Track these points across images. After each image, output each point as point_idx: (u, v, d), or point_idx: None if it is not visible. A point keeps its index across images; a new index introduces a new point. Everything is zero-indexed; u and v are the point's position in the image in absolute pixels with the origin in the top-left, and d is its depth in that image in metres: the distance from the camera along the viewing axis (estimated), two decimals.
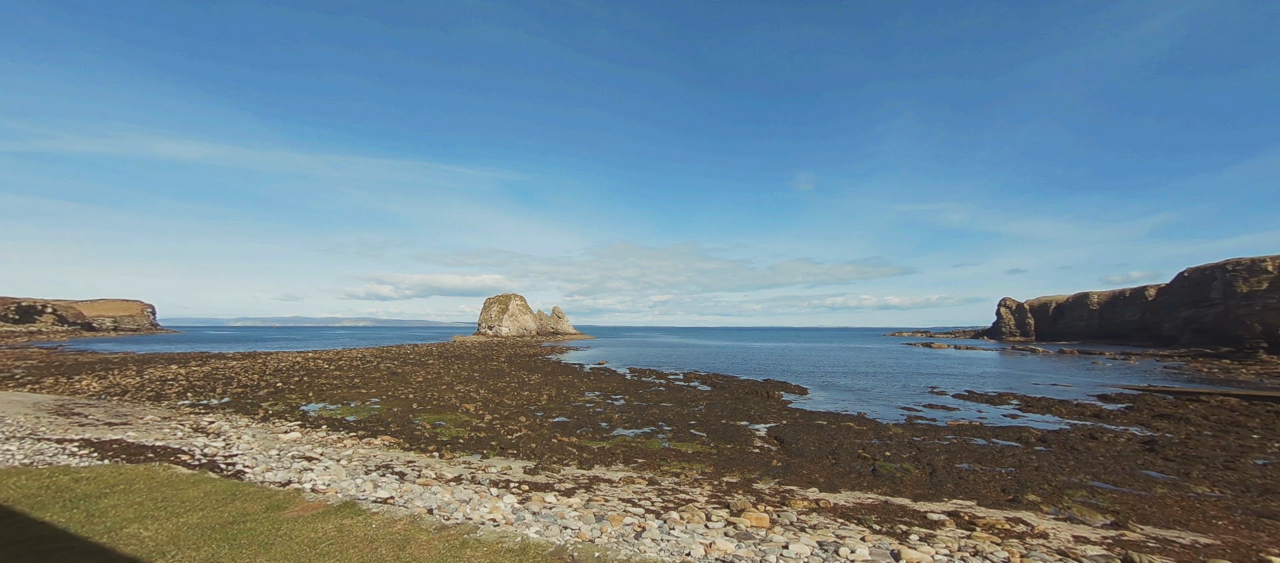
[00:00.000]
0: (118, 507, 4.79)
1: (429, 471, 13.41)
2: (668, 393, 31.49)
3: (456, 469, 13.97)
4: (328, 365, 45.06)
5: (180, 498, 5.12)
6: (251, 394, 27.59)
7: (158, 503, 4.95)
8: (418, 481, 12.08)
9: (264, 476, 11.50)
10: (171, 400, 24.99)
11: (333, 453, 15.06)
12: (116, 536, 4.06)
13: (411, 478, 12.46)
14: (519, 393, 30.12)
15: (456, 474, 13.21)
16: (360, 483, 11.30)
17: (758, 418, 23.05)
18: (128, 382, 30.91)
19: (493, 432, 19.40)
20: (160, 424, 18.34)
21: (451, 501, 10.27)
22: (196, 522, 4.48)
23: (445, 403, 25.97)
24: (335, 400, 26.26)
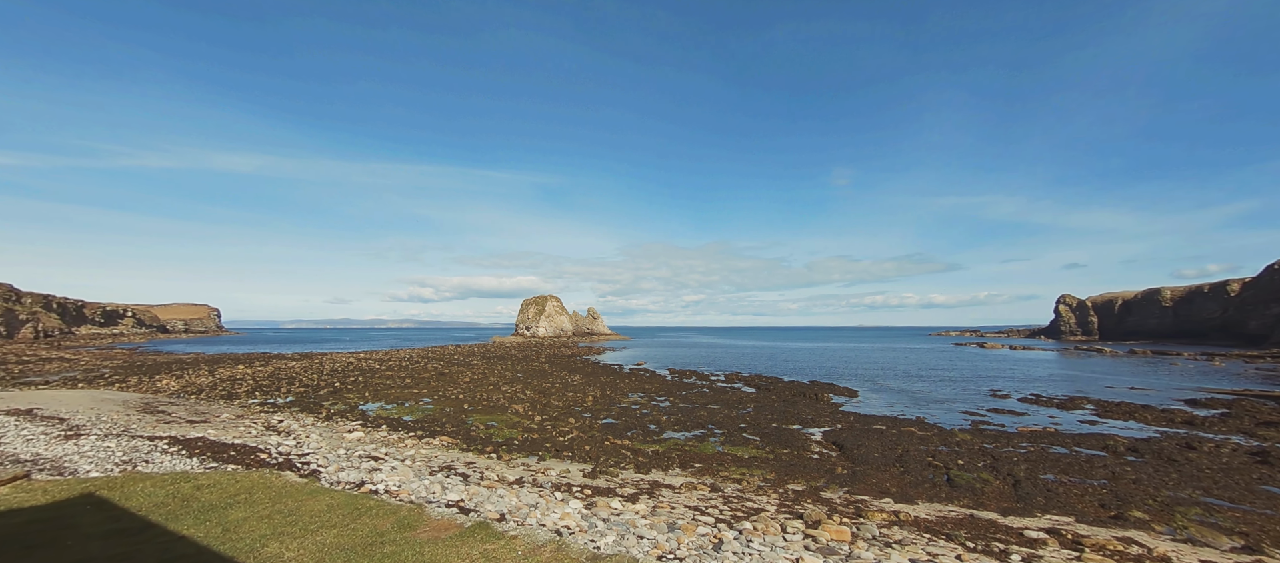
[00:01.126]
0: (248, 520, 4.87)
1: (490, 472, 13.52)
2: (712, 395, 31.03)
3: (516, 471, 14.05)
4: (379, 366, 46.75)
5: (305, 512, 5.17)
6: (313, 394, 28.85)
7: (285, 517, 5.01)
8: (482, 483, 12.18)
9: (338, 476, 11.85)
10: (242, 399, 26.39)
11: (397, 453, 15.44)
12: (259, 555, 4.09)
13: (474, 480, 12.59)
14: (564, 394, 30.32)
15: (517, 477, 13.27)
16: (428, 485, 11.47)
17: (810, 422, 22.32)
18: (201, 381, 32.94)
19: (545, 433, 19.50)
20: (235, 422, 19.34)
21: (519, 505, 10.27)
22: (334, 542, 4.46)
23: (494, 404, 26.39)
24: (390, 400, 27.11)
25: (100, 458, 12.05)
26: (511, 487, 12.08)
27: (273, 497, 5.75)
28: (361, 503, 5.61)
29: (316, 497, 5.82)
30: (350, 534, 4.70)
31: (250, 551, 4.26)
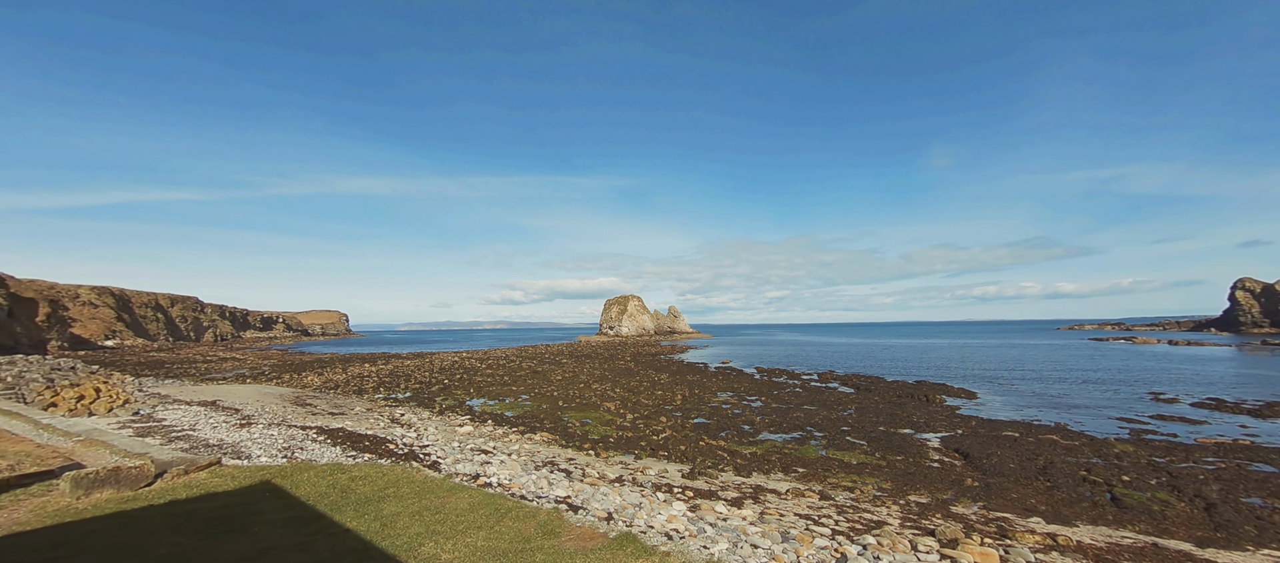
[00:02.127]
0: (400, 516, 5.30)
1: (591, 470, 13.80)
2: (806, 395, 29.52)
3: (615, 470, 14.22)
4: (480, 364, 50.25)
5: (450, 510, 5.54)
6: (426, 390, 31.62)
7: (433, 514, 5.39)
8: (585, 480, 12.44)
9: (455, 467, 12.73)
10: (369, 394, 29.59)
11: (503, 447, 16.31)
12: (417, 555, 4.39)
13: (577, 477, 12.90)
14: (652, 392, 30.48)
15: (617, 475, 13.41)
16: (535, 480, 11.93)
17: (924, 426, 20.35)
18: (337, 378, 37.48)
19: (638, 432, 19.64)
20: (366, 415, 21.64)
21: (624, 504, 10.32)
22: (484, 546, 4.69)
23: (587, 401, 27.14)
24: (492, 397, 28.94)
25: (267, 445, 14.01)
26: (613, 485, 12.21)
27: (417, 491, 6.21)
28: (500, 503, 5.85)
29: (456, 494, 6.18)
30: (497, 538, 4.87)
31: (409, 550, 4.55)
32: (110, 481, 6.75)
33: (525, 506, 5.97)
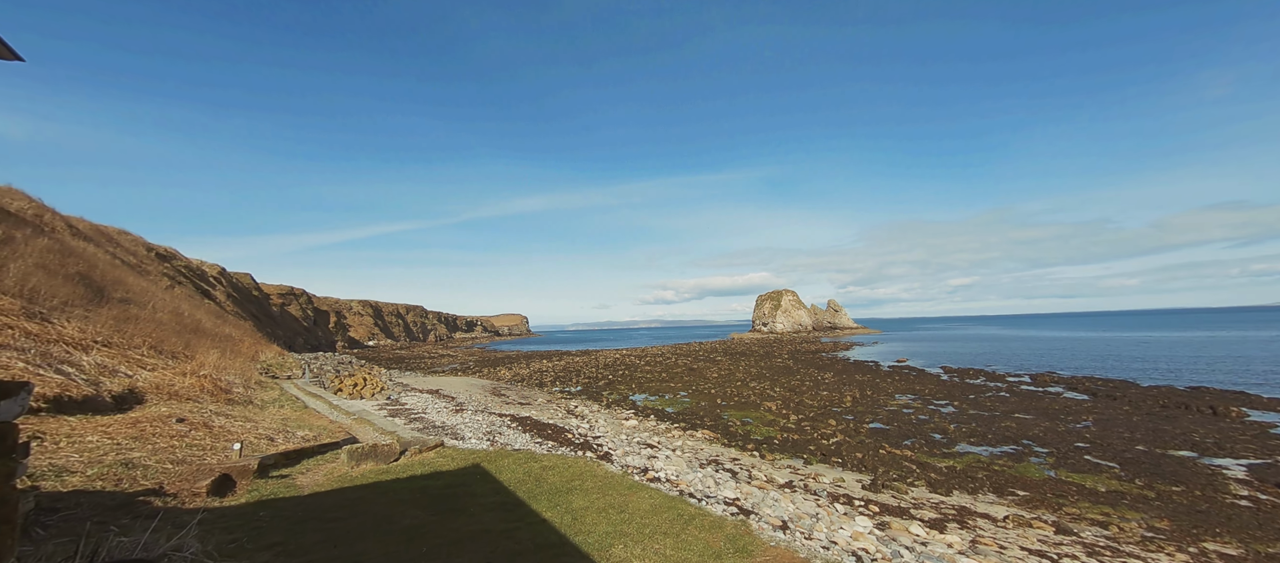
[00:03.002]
0: (588, 511, 5.68)
1: (758, 472, 13.24)
2: (1016, 400, 24.37)
3: (783, 473, 13.42)
4: (639, 361, 52.79)
5: (633, 509, 5.77)
6: (594, 384, 34.26)
7: (618, 513, 5.66)
8: (752, 483, 11.95)
9: (625, 459, 13.36)
10: (547, 387, 33.17)
11: (667, 442, 16.67)
12: (607, 556, 4.60)
13: (743, 479, 12.46)
14: (816, 392, 28.37)
15: (787, 480, 12.61)
16: (701, 478, 11.85)
17: (1215, 448, 15.12)
18: (522, 372, 42.95)
19: (805, 434, 18.36)
20: (547, 406, 24.21)
21: (798, 513, 9.59)
22: (672, 555, 4.74)
23: (746, 400, 26.43)
24: (653, 393, 30.03)
25: (475, 429, 16.52)
26: (784, 491, 11.49)
27: (600, 486, 6.56)
28: (682, 509, 5.85)
29: (637, 493, 6.36)
30: (685, 549, 4.82)
31: (600, 550, 4.75)
32: (371, 455, 8.54)
33: (708, 513, 5.81)
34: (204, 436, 10.09)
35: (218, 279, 69.84)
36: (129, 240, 47.99)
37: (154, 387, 13.76)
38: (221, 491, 7.01)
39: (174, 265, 54.58)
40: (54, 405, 9.77)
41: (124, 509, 5.73)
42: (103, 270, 27.06)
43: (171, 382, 14.94)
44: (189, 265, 61.71)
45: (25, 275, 18.03)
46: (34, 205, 30.18)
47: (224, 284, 70.68)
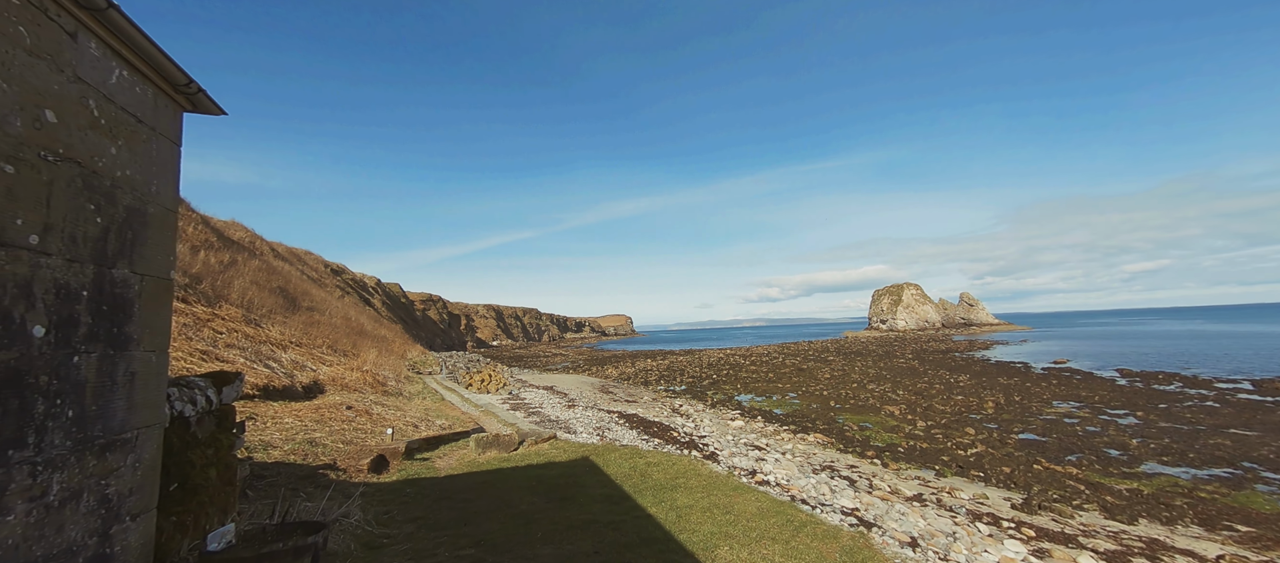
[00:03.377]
0: (692, 510, 5.70)
1: (880, 482, 12.13)
2: (1230, 412, 19.44)
3: (911, 485, 12.13)
4: (743, 361, 51.51)
5: (739, 511, 5.68)
6: (698, 384, 34.10)
7: (723, 513, 5.61)
8: (873, 493, 10.98)
9: (732, 461, 13.07)
10: (652, 385, 33.73)
11: (776, 445, 16.00)
12: (712, 557, 4.57)
13: (863, 488, 11.50)
14: (948, 396, 25.26)
15: (915, 492, 11.39)
16: (815, 484, 11.16)
17: None
18: (628, 370, 44.23)
19: (936, 443, 16.44)
20: (652, 404, 24.62)
21: (930, 530, 8.60)
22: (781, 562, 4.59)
23: (863, 403, 24.44)
24: (759, 393, 29.05)
25: (586, 424, 17.36)
26: (912, 504, 10.39)
27: (704, 485, 6.51)
28: (792, 514, 5.59)
29: (743, 494, 6.21)
30: (795, 556, 4.60)
31: (705, 550, 4.70)
32: (494, 444, 9.37)
33: (822, 521, 5.45)
34: (366, 421, 11.86)
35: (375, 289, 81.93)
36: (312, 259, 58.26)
37: (331, 379, 16.48)
38: (378, 468, 8.17)
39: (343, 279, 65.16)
40: (263, 393, 12.13)
41: (308, 479, 6.94)
42: (295, 285, 33.18)
43: (343, 375, 17.78)
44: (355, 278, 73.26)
45: (244, 290, 22.69)
46: (249, 234, 37.94)
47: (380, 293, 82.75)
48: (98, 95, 3.00)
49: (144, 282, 3.42)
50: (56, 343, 2.67)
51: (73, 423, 2.79)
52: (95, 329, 2.95)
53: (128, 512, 3.28)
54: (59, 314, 2.68)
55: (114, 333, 3.11)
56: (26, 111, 2.51)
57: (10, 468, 2.41)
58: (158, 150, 3.58)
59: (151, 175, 3.49)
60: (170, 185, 3.73)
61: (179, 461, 4.42)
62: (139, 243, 3.35)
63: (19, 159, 2.47)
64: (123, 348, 3.19)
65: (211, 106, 4.06)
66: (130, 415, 3.27)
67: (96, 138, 2.97)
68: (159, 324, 3.57)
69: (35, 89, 2.56)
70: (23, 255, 2.48)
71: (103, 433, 3.02)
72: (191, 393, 4.66)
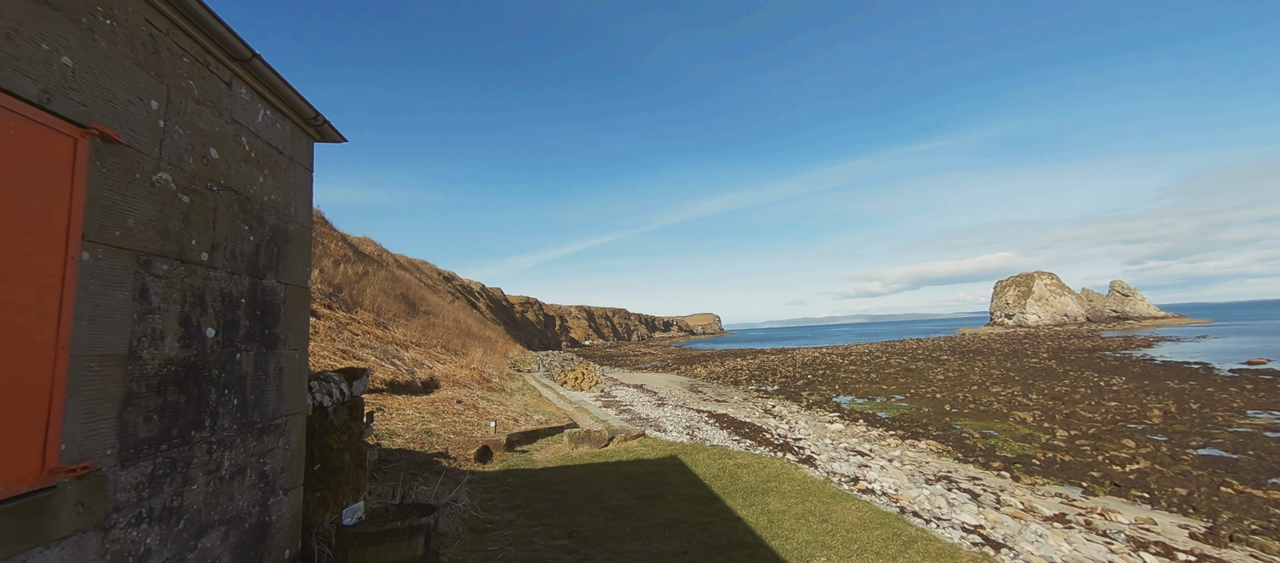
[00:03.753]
0: (785, 516, 5.44)
1: (1009, 497, 10.68)
2: None
3: (1050, 503, 10.53)
4: (841, 360, 48.38)
5: (838, 520, 5.32)
6: (792, 384, 32.63)
7: (819, 521, 5.29)
8: (1002, 509, 9.70)
9: (831, 466, 12.28)
10: (743, 385, 32.90)
11: (881, 451, 14.79)
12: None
13: (988, 503, 10.20)
14: (1098, 402, 21.60)
15: (1056, 512, 9.86)
16: (929, 495, 10.11)
17: None
18: (717, 370, 43.60)
19: (1083, 456, 14.13)
20: (743, 404, 24.00)
21: (1076, 556, 7.38)
22: None
23: (985, 407, 21.74)
24: (861, 395, 27.07)
25: (675, 422, 17.37)
26: (1052, 525, 9.01)
27: (798, 490, 6.17)
28: (899, 528, 5.11)
29: (841, 503, 5.80)
30: None
31: (799, 558, 4.44)
32: (586, 439, 9.69)
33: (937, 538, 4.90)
34: (473, 414, 12.90)
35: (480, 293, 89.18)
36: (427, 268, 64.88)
37: (444, 375, 18.16)
38: (483, 458, 8.82)
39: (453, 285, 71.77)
40: (390, 387, 13.68)
41: (425, 465, 7.68)
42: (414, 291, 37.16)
43: (454, 372, 19.52)
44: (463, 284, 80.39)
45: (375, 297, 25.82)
46: (377, 248, 43.17)
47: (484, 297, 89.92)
48: (248, 133, 3.55)
49: (288, 290, 3.98)
50: (223, 343, 3.19)
51: (237, 410, 3.32)
52: (252, 331, 3.49)
53: (281, 486, 3.83)
54: (224, 318, 3.20)
55: (266, 334, 3.66)
56: (197, 150, 3.04)
57: (193, 446, 2.92)
58: (295, 177, 4.15)
59: (291, 198, 4.06)
60: (305, 206, 4.31)
61: (320, 445, 5.10)
62: (283, 257, 3.91)
63: (192, 190, 2.99)
64: (273, 346, 3.74)
65: (335, 135, 4.63)
66: (280, 404, 3.83)
67: (248, 169, 3.52)
68: (300, 326, 4.14)
69: (202, 131, 3.09)
70: (197, 270, 2.99)
71: (260, 419, 3.57)
72: (328, 386, 5.36)
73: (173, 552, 2.75)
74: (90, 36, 2.35)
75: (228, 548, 3.20)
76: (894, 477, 11.56)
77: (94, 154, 2.33)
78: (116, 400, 2.43)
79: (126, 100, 2.54)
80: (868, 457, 13.80)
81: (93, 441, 2.31)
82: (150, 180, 2.67)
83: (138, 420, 2.55)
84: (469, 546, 4.90)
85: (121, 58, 2.52)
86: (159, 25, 2.77)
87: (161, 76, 2.77)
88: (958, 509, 9.40)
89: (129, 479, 2.50)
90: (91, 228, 2.31)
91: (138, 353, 2.56)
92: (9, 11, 2.00)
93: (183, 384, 2.84)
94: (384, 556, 4.21)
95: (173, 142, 2.84)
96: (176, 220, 2.83)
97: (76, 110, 2.26)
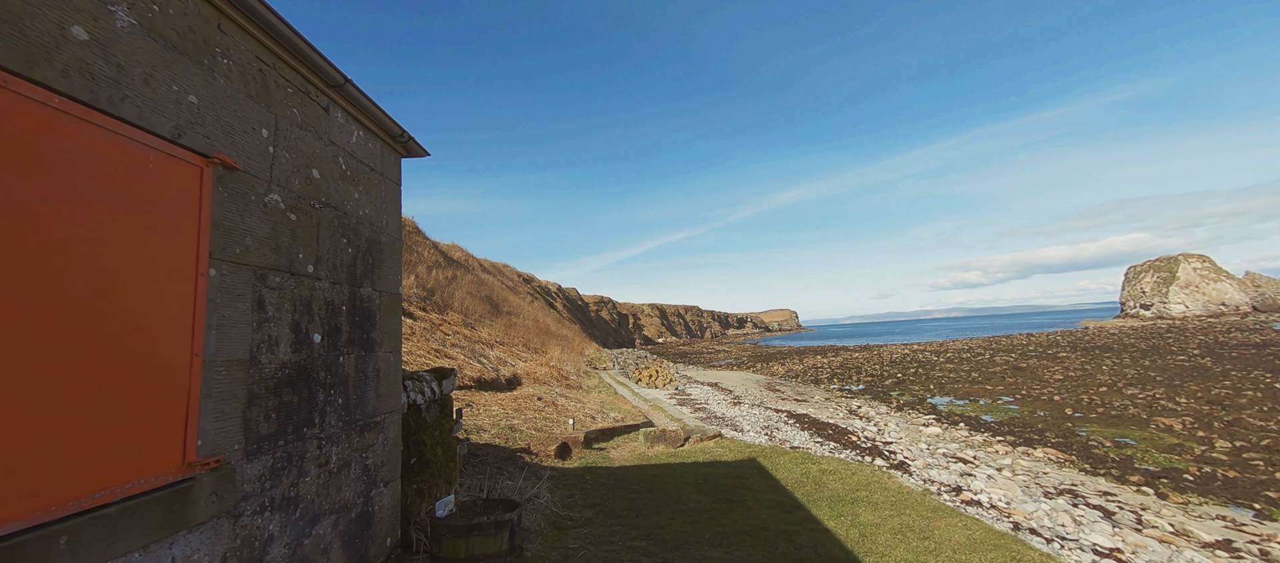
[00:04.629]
0: (879, 529, 5.03)
1: (1153, 516, 9.16)
2: None
3: (1209, 527, 8.88)
4: (936, 357, 44.48)
5: (942, 538, 4.82)
6: (879, 383, 30.49)
7: (919, 539, 4.82)
8: (1144, 531, 8.33)
9: (927, 473, 11.26)
10: (824, 384, 31.28)
11: (987, 459, 13.35)
12: None
13: (1127, 523, 8.81)
14: (1274, 407, 17.96)
15: (1218, 537, 8.30)
16: (1050, 510, 8.93)
17: None
18: (795, 367, 41.86)
19: (1252, 471, 11.80)
20: (825, 404, 22.80)
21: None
22: None
23: (1119, 412, 18.90)
24: (960, 396, 24.67)
25: (752, 422, 16.86)
26: (1214, 552, 7.59)
27: (893, 502, 5.68)
28: (1018, 551, 4.53)
29: (945, 518, 5.25)
30: None
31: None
32: (662, 439, 9.64)
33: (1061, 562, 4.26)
34: (552, 411, 13.35)
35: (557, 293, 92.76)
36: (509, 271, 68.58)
37: (525, 373, 19.02)
38: (563, 455, 9.07)
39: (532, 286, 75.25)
40: (477, 384, 14.54)
41: (509, 460, 8.04)
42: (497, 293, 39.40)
43: (535, 370, 20.38)
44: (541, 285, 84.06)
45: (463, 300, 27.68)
46: (464, 254, 46.30)
47: (561, 297, 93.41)
48: (344, 153, 3.84)
49: (382, 297, 4.28)
50: (328, 347, 3.48)
51: (342, 408, 3.62)
52: (352, 335, 3.78)
53: (381, 479, 4.13)
54: (328, 325, 3.49)
55: (364, 338, 3.95)
56: (301, 172, 3.33)
57: (305, 442, 3.21)
58: (386, 192, 4.45)
59: (382, 212, 4.36)
60: (395, 218, 4.62)
61: (415, 440, 5.46)
62: (377, 267, 4.20)
63: (299, 209, 3.28)
64: (371, 350, 4.04)
65: (420, 150, 4.91)
66: (379, 403, 4.13)
67: (345, 187, 3.81)
68: (393, 330, 4.44)
69: (305, 154, 3.38)
70: (304, 281, 3.28)
71: (361, 416, 3.86)
72: (421, 385, 5.72)
73: (291, 537, 3.04)
74: (211, 76, 2.64)
75: (337, 535, 3.50)
76: (1004, 488, 10.36)
77: (217, 181, 2.62)
78: (241, 401, 2.72)
79: (242, 130, 2.83)
80: (971, 465, 12.50)
81: (223, 437, 2.60)
82: (263, 202, 2.96)
83: (259, 419, 2.84)
84: (550, 541, 5.02)
85: (237, 92, 2.81)
86: (267, 60, 3.06)
87: (270, 107, 3.06)
88: (1087, 529, 8.22)
89: (253, 471, 2.79)
90: (216, 246, 2.59)
91: (257, 358, 2.84)
92: (145, 59, 2.28)
93: (295, 385, 3.13)
94: (473, 548, 4.41)
95: (281, 165, 3.13)
96: (286, 236, 3.12)
97: (201, 142, 2.54)
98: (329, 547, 3.39)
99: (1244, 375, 25.55)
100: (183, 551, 2.35)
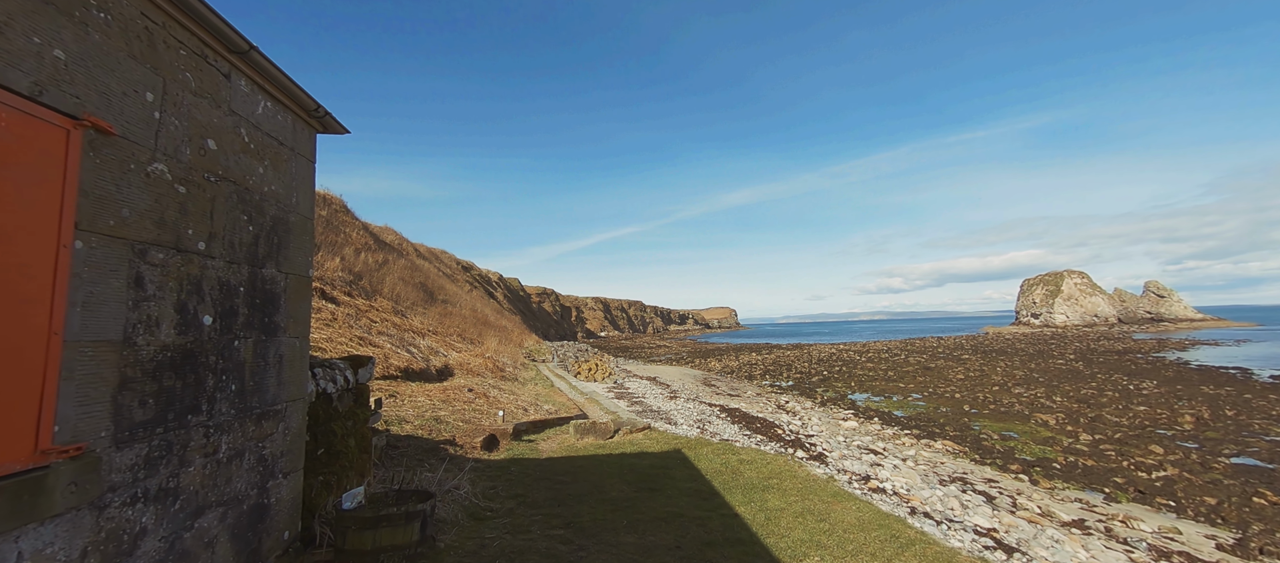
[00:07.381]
0: (783, 513, 5.38)
1: (1026, 500, 10.41)
2: None
3: (1069, 508, 10.23)
4: (859, 357, 47.65)
5: (837, 520, 5.23)
6: (807, 379, 32.28)
7: (817, 520, 5.21)
8: (1017, 513, 9.45)
9: (842, 463, 12.12)
10: (757, 380, 32.67)
11: (895, 450, 14.55)
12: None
13: (1004, 506, 9.96)
14: (1125, 406, 20.88)
15: (1074, 518, 9.58)
16: (943, 496, 9.91)
17: None
18: (731, 364, 43.37)
19: (1106, 460, 13.68)
20: (756, 399, 23.85)
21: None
22: None
23: (1006, 409, 21.20)
24: (877, 393, 26.65)
25: (686, 416, 17.34)
26: (1069, 531, 8.76)
27: (800, 488, 6.10)
28: (899, 530, 5.01)
29: (842, 502, 5.71)
30: None
31: (791, 556, 4.40)
32: (591, 431, 9.74)
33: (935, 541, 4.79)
34: (484, 403, 13.08)
35: (497, 283, 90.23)
36: (447, 257, 65.82)
37: (458, 364, 18.44)
38: (489, 447, 8.94)
39: (472, 275, 72.73)
40: (404, 374, 13.94)
41: (432, 452, 7.82)
42: (433, 280, 37.74)
43: (469, 361, 19.79)
44: (481, 274, 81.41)
45: (393, 286, 26.29)
46: (398, 237, 43.91)
47: (501, 287, 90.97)
48: (248, 124, 3.60)
49: (288, 279, 4.06)
50: (221, 330, 3.27)
51: (236, 395, 3.41)
52: (251, 319, 3.57)
53: (280, 470, 3.93)
54: (222, 306, 3.28)
55: (266, 322, 3.74)
56: (194, 141, 3.10)
57: (189, 430, 3.01)
58: (297, 168, 4.21)
59: (292, 189, 4.12)
60: (307, 197, 4.38)
61: (324, 430, 5.22)
62: (283, 247, 3.98)
63: (189, 181, 3.05)
64: (273, 334, 3.83)
65: (338, 127, 4.68)
66: (280, 390, 3.92)
67: (247, 160, 3.58)
68: (301, 314, 4.22)
69: (200, 122, 3.15)
70: (194, 259, 3.06)
71: (259, 404, 3.66)
72: (333, 373, 5.46)
73: (169, 531, 2.85)
74: (83, 30, 2.41)
75: (225, 528, 3.30)
76: (907, 477, 11.36)
77: (87, 145, 2.39)
78: (111, 384, 2.51)
79: (121, 92, 2.60)
80: (881, 455, 13.58)
81: (87, 423, 2.39)
82: (145, 171, 2.73)
83: (133, 404, 2.63)
84: (466, 532, 4.97)
85: (116, 50, 2.57)
86: (155, 19, 2.82)
87: (157, 69, 2.83)
88: (971, 511, 9.20)
89: (124, 460, 2.59)
90: (85, 217, 2.38)
91: (133, 339, 2.63)
92: (0, 6, 2.05)
93: (179, 370, 2.92)
94: (381, 540, 4.30)
95: (169, 133, 2.90)
96: (173, 210, 2.90)
97: (69, 102, 2.32)
98: (214, 541, 3.20)
99: (1107, 378, 29.47)
100: (32, 544, 2.15)
